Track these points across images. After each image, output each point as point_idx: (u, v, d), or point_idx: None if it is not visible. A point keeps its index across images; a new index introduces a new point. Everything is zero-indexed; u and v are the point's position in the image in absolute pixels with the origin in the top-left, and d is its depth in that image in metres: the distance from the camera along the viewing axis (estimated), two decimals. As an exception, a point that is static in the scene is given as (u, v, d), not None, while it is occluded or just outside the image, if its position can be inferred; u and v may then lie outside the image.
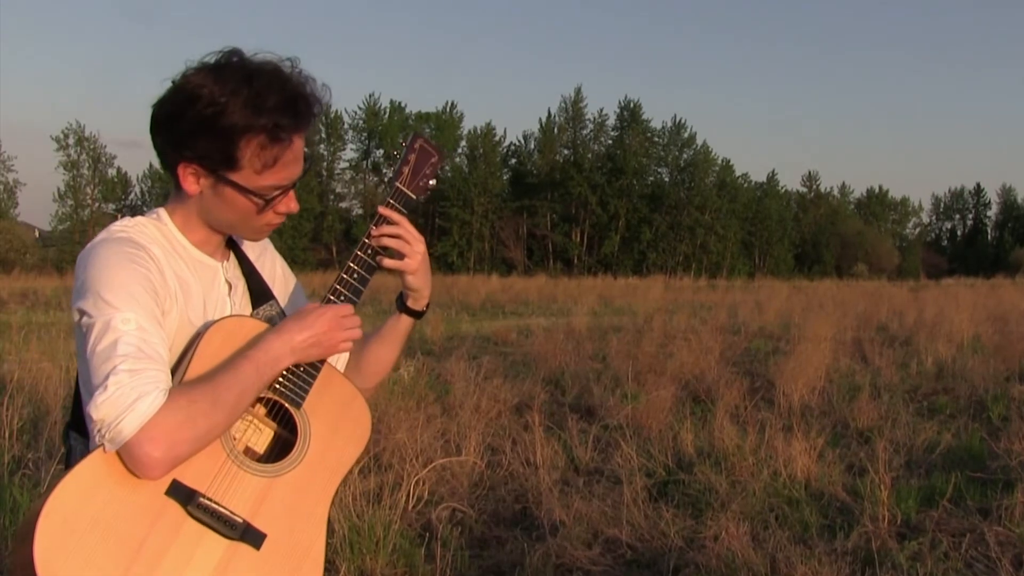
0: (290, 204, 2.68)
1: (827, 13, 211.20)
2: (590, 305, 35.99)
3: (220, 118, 2.47)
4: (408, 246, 2.80)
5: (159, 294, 2.49)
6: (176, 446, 2.26)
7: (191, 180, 2.56)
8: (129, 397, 2.23)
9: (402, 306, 2.98)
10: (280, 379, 2.59)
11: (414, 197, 2.83)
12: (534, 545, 7.30)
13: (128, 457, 2.25)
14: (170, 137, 2.54)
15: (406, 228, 2.79)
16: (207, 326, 2.57)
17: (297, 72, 2.59)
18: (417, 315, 3.00)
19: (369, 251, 2.76)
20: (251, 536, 2.45)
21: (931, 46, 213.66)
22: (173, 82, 2.55)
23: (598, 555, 7.21)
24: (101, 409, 2.23)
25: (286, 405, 2.62)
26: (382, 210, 2.78)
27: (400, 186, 2.82)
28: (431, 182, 2.87)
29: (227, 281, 2.77)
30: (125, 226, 2.61)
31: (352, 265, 2.74)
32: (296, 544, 2.53)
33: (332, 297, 2.71)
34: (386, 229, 2.77)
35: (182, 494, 2.38)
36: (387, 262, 2.80)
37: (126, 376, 2.25)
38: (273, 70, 2.55)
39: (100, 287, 2.40)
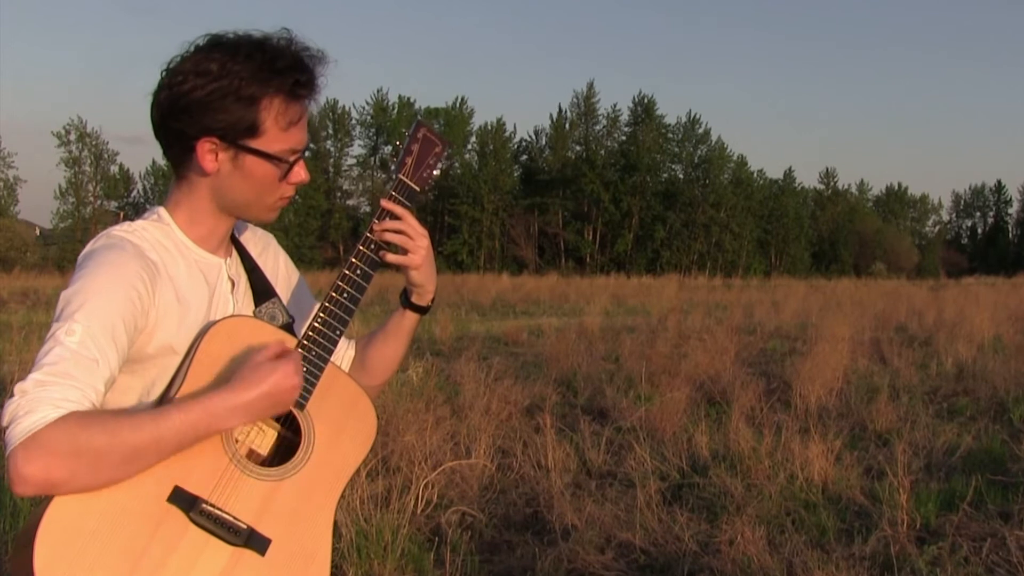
0: (301, 173, 2.65)
1: (844, 7, 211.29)
2: (603, 305, 35.93)
3: (239, 85, 2.48)
4: (411, 241, 2.78)
5: (140, 307, 2.46)
6: (51, 470, 2.16)
7: (210, 158, 2.54)
8: (23, 408, 2.18)
9: (406, 302, 2.97)
10: None
11: (418, 189, 2.81)
12: (545, 550, 7.31)
13: (7, 467, 2.18)
14: (186, 116, 2.51)
15: (409, 222, 2.77)
16: (208, 326, 2.56)
17: (296, 38, 2.60)
18: (422, 311, 2.99)
19: (372, 246, 2.74)
20: (256, 542, 2.44)
21: (951, 42, 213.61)
22: (167, 70, 2.54)
23: (611, 560, 7.21)
24: (4, 413, 2.20)
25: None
26: (384, 204, 2.76)
27: (403, 178, 2.80)
28: (435, 172, 2.86)
29: (230, 278, 2.75)
30: (125, 230, 2.58)
31: (355, 261, 2.72)
32: (302, 549, 2.52)
33: (329, 304, 2.69)
34: (389, 224, 2.75)
35: (184, 501, 2.37)
36: (390, 257, 2.77)
37: (31, 385, 2.22)
38: (274, 37, 2.58)
39: (74, 292, 2.38)
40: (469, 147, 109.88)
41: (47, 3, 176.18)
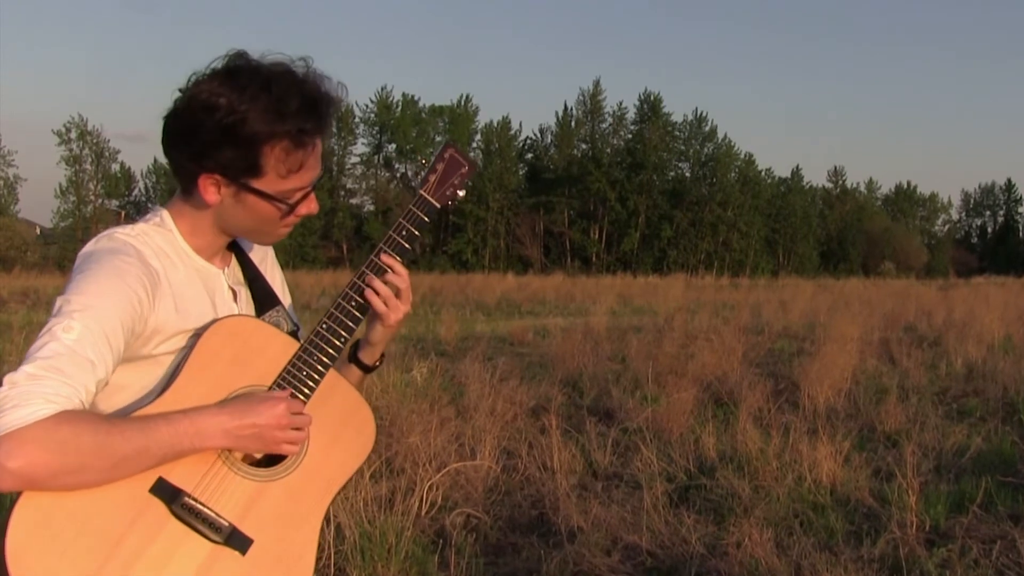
0: (311, 206, 2.68)
1: (853, 4, 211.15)
2: (609, 304, 35.94)
3: (242, 127, 2.46)
4: (398, 303, 2.79)
5: (140, 312, 2.45)
6: (34, 467, 2.15)
7: (212, 191, 2.55)
8: (11, 400, 2.16)
9: (354, 357, 2.96)
10: (280, 382, 2.58)
11: (437, 206, 2.82)
12: (551, 552, 7.31)
13: None
14: (189, 149, 2.52)
15: (406, 281, 2.78)
16: (210, 323, 2.57)
17: (312, 72, 2.58)
18: (367, 370, 2.97)
19: (366, 286, 2.75)
20: (236, 540, 2.44)
21: (960, 39, 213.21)
22: (182, 91, 2.53)
23: (617, 562, 7.22)
24: None
25: None
26: (385, 260, 2.75)
27: (424, 194, 2.81)
28: (459, 192, 2.86)
29: (231, 287, 2.75)
30: (128, 234, 2.58)
31: (366, 269, 2.74)
32: (285, 553, 2.51)
33: (335, 311, 2.70)
34: (392, 278, 2.75)
35: (167, 492, 2.37)
36: (374, 301, 2.74)
37: (23, 378, 2.20)
38: (289, 73, 2.54)
39: (75, 292, 2.37)
40: (474, 145, 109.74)
41: (48, 0, 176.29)
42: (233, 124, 2.46)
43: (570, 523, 7.85)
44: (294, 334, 2.76)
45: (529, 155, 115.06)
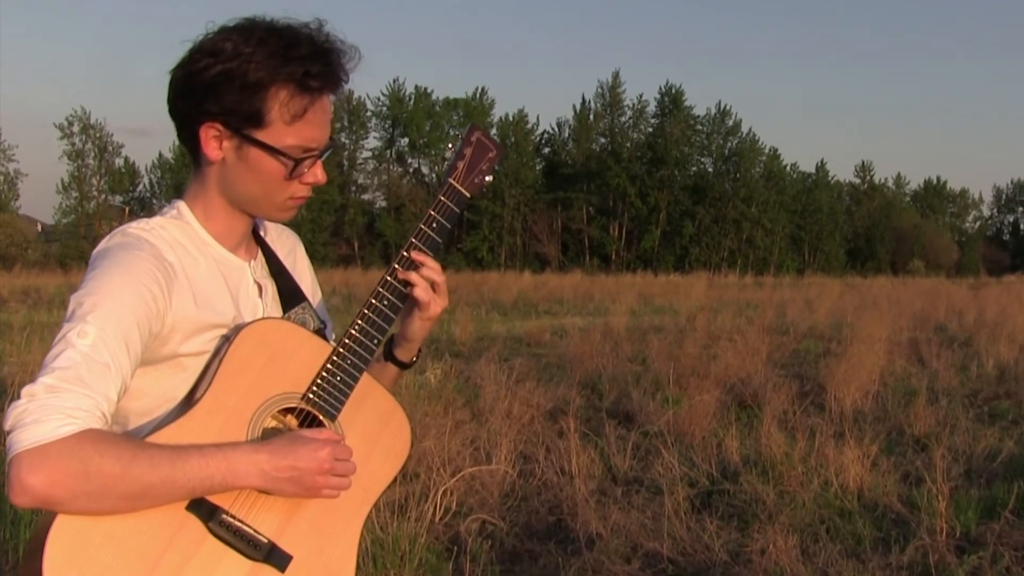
0: (317, 173, 2.59)
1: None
2: (629, 304, 35.85)
3: (245, 69, 2.43)
4: (435, 295, 2.75)
5: (156, 310, 2.41)
6: (55, 486, 2.11)
7: (213, 144, 2.50)
8: (31, 415, 2.13)
9: (390, 355, 2.92)
10: (315, 387, 2.54)
11: (468, 195, 2.76)
12: (569, 559, 7.33)
13: (8, 472, 2.12)
14: (191, 96, 2.48)
15: (441, 275, 2.73)
16: (237, 329, 2.52)
17: (326, 30, 2.55)
18: (404, 367, 2.93)
19: (398, 283, 2.69)
20: (276, 558, 2.42)
21: (989, 29, 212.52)
22: (189, 48, 2.51)
23: (637, 570, 7.23)
24: (8, 416, 2.16)
25: (320, 416, 2.55)
26: (416, 256, 2.69)
27: (453, 183, 2.75)
28: (487, 178, 2.80)
29: (256, 282, 2.71)
30: (142, 228, 2.53)
31: (397, 266, 2.68)
32: (324, 567, 2.49)
33: (368, 311, 2.63)
34: (426, 272, 2.69)
35: (204, 510, 2.33)
36: (417, 291, 2.68)
37: (41, 390, 2.17)
38: (301, 24, 2.52)
39: (87, 293, 2.34)
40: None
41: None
42: (237, 66, 2.44)
43: (589, 529, 7.85)
44: (320, 332, 2.73)
45: (546, 149, 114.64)
